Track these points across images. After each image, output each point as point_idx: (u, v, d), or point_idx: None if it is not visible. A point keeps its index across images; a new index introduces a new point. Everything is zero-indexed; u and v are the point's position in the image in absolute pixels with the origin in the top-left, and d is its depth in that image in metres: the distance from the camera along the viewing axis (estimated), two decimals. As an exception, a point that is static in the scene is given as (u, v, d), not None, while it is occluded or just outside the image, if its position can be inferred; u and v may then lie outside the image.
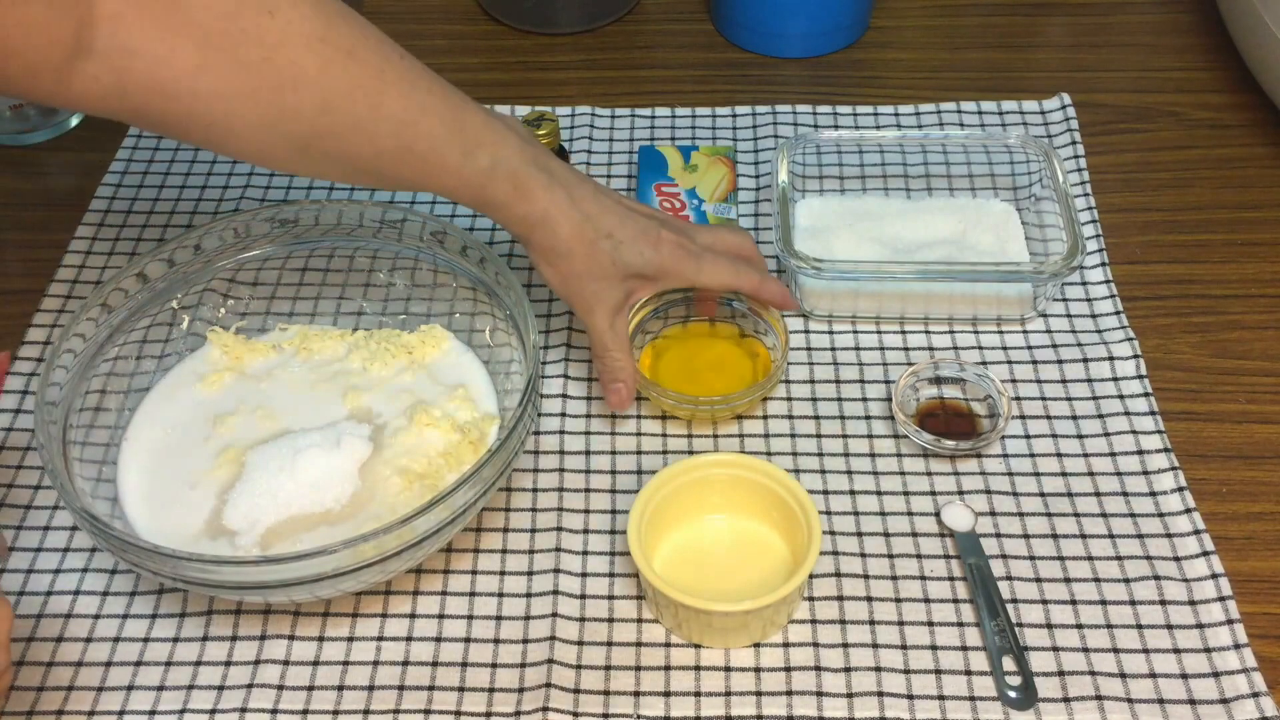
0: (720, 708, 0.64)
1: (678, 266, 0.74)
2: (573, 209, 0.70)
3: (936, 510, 0.72)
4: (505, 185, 0.68)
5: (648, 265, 0.73)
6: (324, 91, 0.63)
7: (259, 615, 0.68)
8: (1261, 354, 0.80)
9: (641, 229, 0.72)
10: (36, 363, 0.81)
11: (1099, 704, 0.63)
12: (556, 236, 0.70)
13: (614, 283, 0.72)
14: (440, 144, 0.67)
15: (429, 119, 0.67)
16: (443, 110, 0.67)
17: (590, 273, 0.71)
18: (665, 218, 0.76)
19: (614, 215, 0.72)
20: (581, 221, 0.70)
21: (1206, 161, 0.94)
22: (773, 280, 0.77)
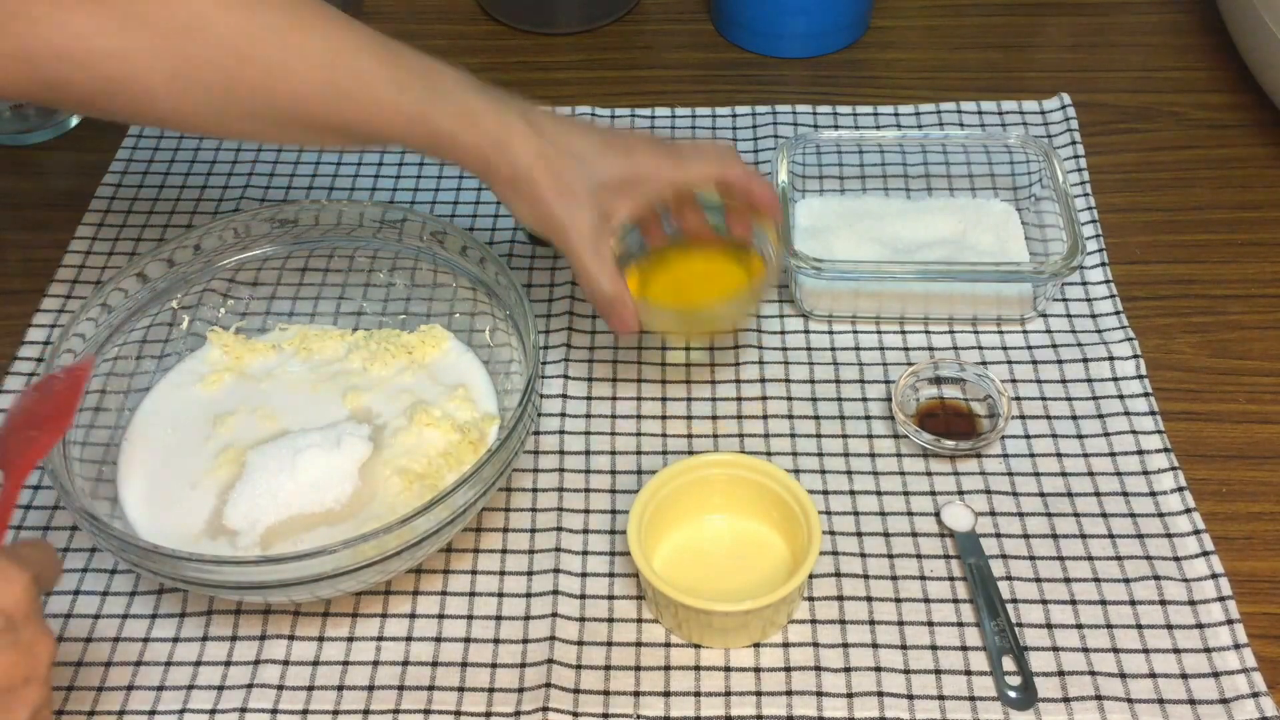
0: (720, 708, 0.64)
1: (656, 168, 0.69)
2: (530, 130, 0.66)
3: (936, 510, 0.72)
4: (449, 114, 0.64)
5: (622, 175, 0.68)
6: (232, 36, 0.60)
7: (259, 615, 0.68)
8: (1261, 354, 0.80)
9: (608, 140, 0.68)
10: (36, 363, 0.81)
11: (1099, 704, 0.63)
12: (516, 162, 0.65)
13: (587, 203, 0.67)
14: (369, 78, 0.63)
15: (352, 53, 0.63)
16: (367, 44, 0.64)
17: (559, 196, 0.66)
18: (635, 130, 0.72)
19: (576, 132, 0.68)
20: (541, 142, 0.66)
21: (1206, 161, 0.94)
22: (762, 177, 0.73)
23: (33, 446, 0.59)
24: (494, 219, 0.90)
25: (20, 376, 0.80)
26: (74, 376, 0.63)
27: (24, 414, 0.62)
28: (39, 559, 0.51)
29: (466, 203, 0.91)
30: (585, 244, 0.68)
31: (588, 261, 0.68)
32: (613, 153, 0.68)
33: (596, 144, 0.67)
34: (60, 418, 0.61)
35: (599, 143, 0.68)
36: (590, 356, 0.81)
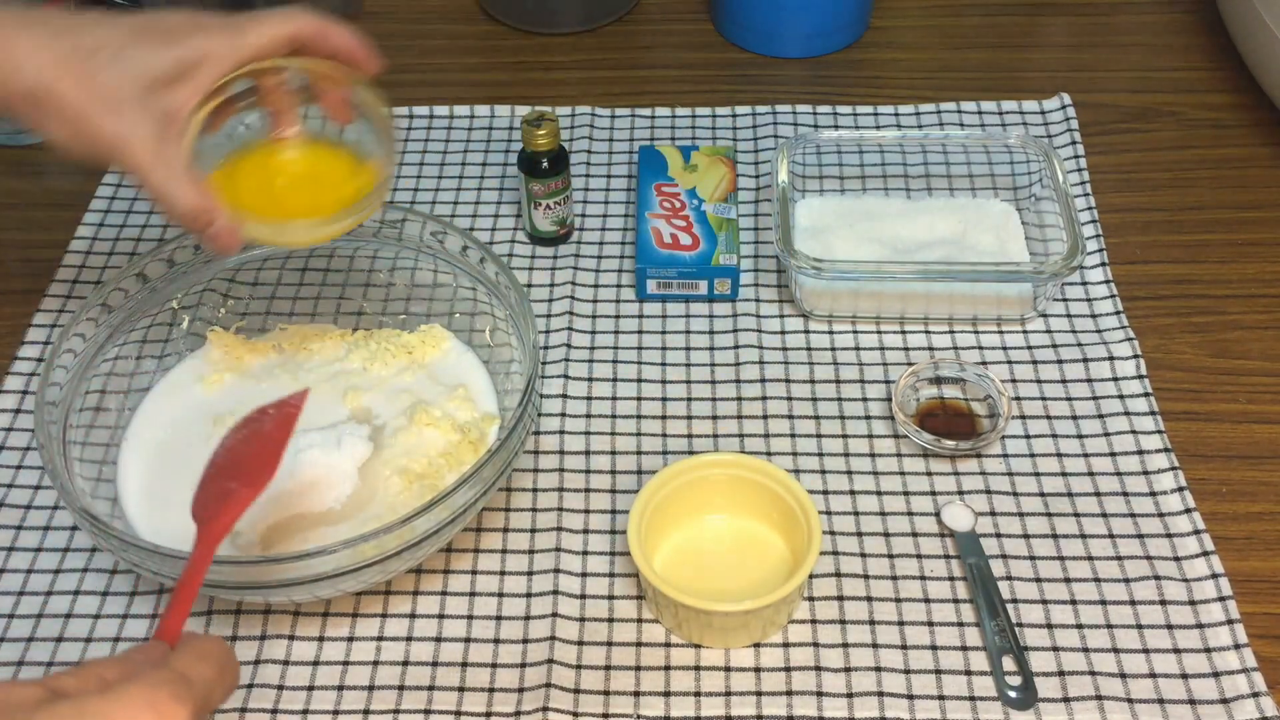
0: (720, 708, 0.64)
1: (210, 46, 0.58)
2: (38, 30, 0.55)
3: (936, 510, 0.72)
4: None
5: (172, 60, 0.58)
6: None
7: (259, 615, 0.68)
8: (1261, 354, 0.80)
9: (144, 26, 0.58)
10: (36, 363, 0.81)
11: (1099, 704, 0.63)
12: (23, 69, 0.55)
13: (136, 105, 0.57)
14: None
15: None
16: None
17: (99, 106, 0.56)
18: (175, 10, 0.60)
19: (94, 23, 0.57)
20: (49, 39, 0.55)
21: (1206, 161, 0.94)
22: (339, 26, 0.63)
23: (229, 502, 0.54)
24: (494, 219, 0.90)
25: (20, 376, 0.80)
26: (285, 414, 0.58)
27: (229, 454, 0.57)
28: (208, 676, 0.45)
29: (466, 203, 0.91)
30: (148, 156, 0.57)
31: (157, 177, 0.58)
32: (152, 39, 0.58)
33: (129, 32, 0.57)
34: (264, 467, 0.55)
35: (132, 30, 0.57)
36: (590, 356, 0.81)
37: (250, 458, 0.57)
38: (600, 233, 0.89)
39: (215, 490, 0.56)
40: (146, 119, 0.57)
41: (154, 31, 0.58)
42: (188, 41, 0.58)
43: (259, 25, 0.60)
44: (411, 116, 0.98)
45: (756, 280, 0.85)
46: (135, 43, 0.57)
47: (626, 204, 0.91)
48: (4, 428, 0.77)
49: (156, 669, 0.45)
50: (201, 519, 0.55)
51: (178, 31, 0.58)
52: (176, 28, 0.58)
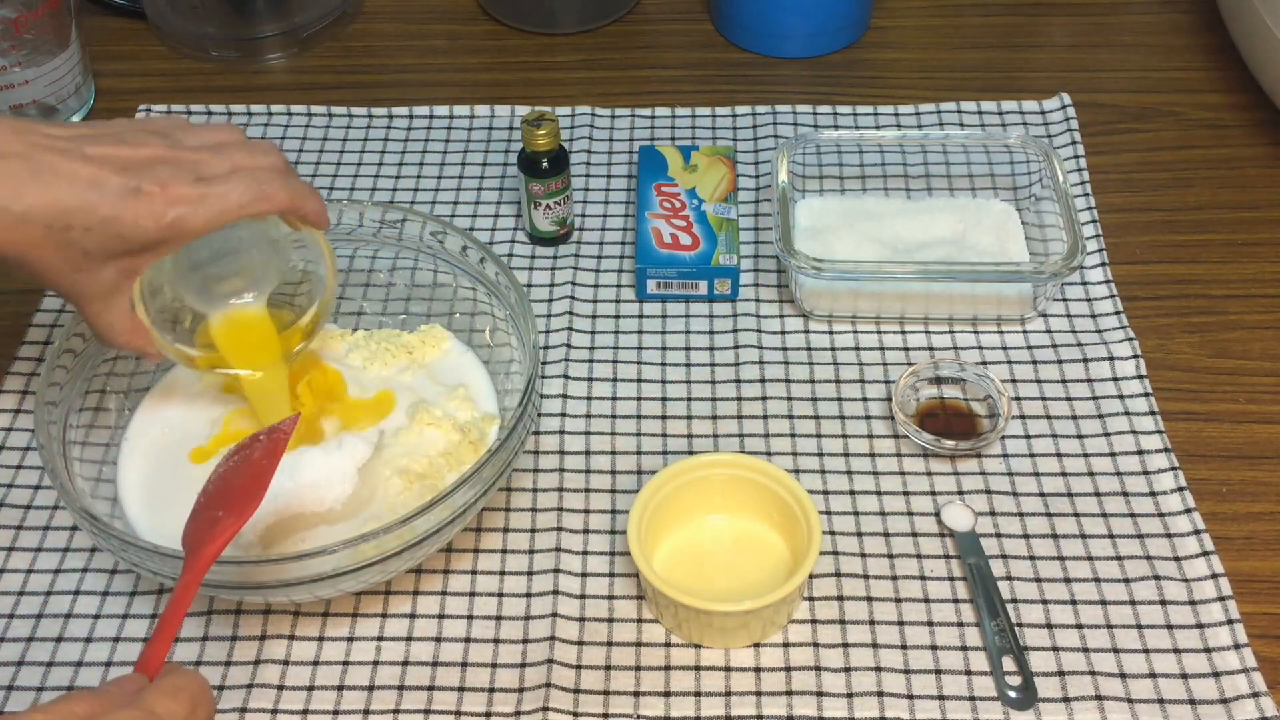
0: (720, 708, 0.64)
1: (179, 225, 0.60)
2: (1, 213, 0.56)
3: (936, 510, 0.72)
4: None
5: (140, 241, 0.60)
6: None
7: (259, 615, 0.68)
8: (1261, 354, 0.80)
9: (110, 199, 0.58)
10: (36, 363, 0.81)
11: (1099, 704, 0.63)
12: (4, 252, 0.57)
13: (100, 269, 0.60)
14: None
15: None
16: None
17: (67, 271, 0.59)
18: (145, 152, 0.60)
19: (67, 194, 0.57)
20: (18, 223, 0.57)
21: (1206, 161, 0.94)
22: (306, 189, 0.65)
23: (215, 531, 0.55)
24: (494, 219, 0.90)
25: (20, 376, 0.80)
26: (274, 441, 0.59)
27: (220, 481, 0.58)
28: (179, 714, 0.48)
29: (466, 203, 0.91)
30: (102, 304, 0.62)
31: (102, 320, 0.63)
32: (127, 217, 0.59)
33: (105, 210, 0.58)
34: (251, 496, 0.56)
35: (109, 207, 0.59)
36: (590, 356, 0.81)
37: (238, 485, 0.58)
38: (600, 233, 0.89)
39: (204, 519, 0.56)
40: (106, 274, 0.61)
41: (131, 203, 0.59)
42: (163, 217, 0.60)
43: (226, 201, 0.62)
44: (411, 116, 0.98)
45: (756, 280, 0.85)
46: (110, 221, 0.59)
47: (626, 204, 0.91)
48: (4, 428, 0.77)
49: (126, 709, 0.46)
50: (190, 549, 0.55)
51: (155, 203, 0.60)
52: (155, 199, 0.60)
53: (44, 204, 0.57)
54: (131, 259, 0.61)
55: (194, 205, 0.60)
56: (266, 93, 1.01)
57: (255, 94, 1.01)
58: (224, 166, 0.62)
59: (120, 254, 0.60)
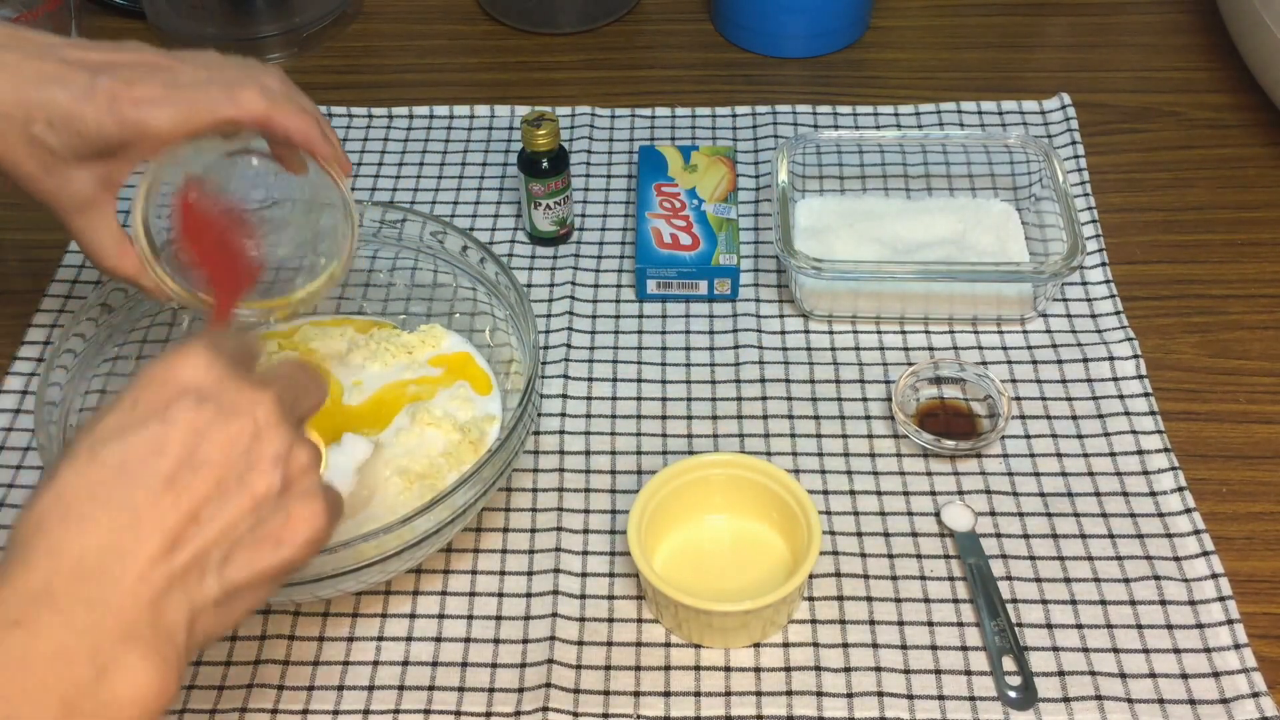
0: (720, 708, 0.64)
1: (143, 124, 0.57)
2: None
3: (936, 510, 0.72)
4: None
5: (100, 140, 0.57)
6: None
7: (259, 615, 0.68)
8: (1261, 354, 0.80)
9: (72, 93, 0.56)
10: (36, 363, 0.81)
11: (1099, 704, 0.63)
12: None
13: (72, 172, 0.57)
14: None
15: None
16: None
17: (41, 172, 0.57)
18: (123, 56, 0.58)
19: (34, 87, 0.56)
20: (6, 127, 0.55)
21: (1206, 161, 0.94)
22: (294, 106, 0.61)
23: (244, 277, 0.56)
24: (494, 219, 0.90)
25: (20, 376, 0.80)
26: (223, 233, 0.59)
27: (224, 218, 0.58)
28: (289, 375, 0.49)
29: (466, 203, 0.91)
30: (82, 215, 0.59)
31: (87, 235, 0.60)
32: (87, 112, 0.56)
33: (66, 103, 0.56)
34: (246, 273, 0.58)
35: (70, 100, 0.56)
36: (590, 356, 0.81)
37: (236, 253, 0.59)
38: (600, 233, 0.89)
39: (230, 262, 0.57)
40: (82, 179, 0.58)
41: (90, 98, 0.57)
42: (123, 113, 0.57)
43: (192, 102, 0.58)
44: (411, 116, 0.98)
45: (756, 280, 0.85)
46: (71, 115, 0.57)
47: (626, 204, 0.91)
48: (4, 428, 0.77)
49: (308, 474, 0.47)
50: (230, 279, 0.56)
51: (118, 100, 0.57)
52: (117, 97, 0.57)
53: (6, 95, 0.55)
54: (103, 165, 0.58)
55: (157, 105, 0.57)
56: (266, 93, 1.01)
57: (255, 94, 1.00)
58: (201, 76, 0.59)
59: (88, 157, 0.57)
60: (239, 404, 0.45)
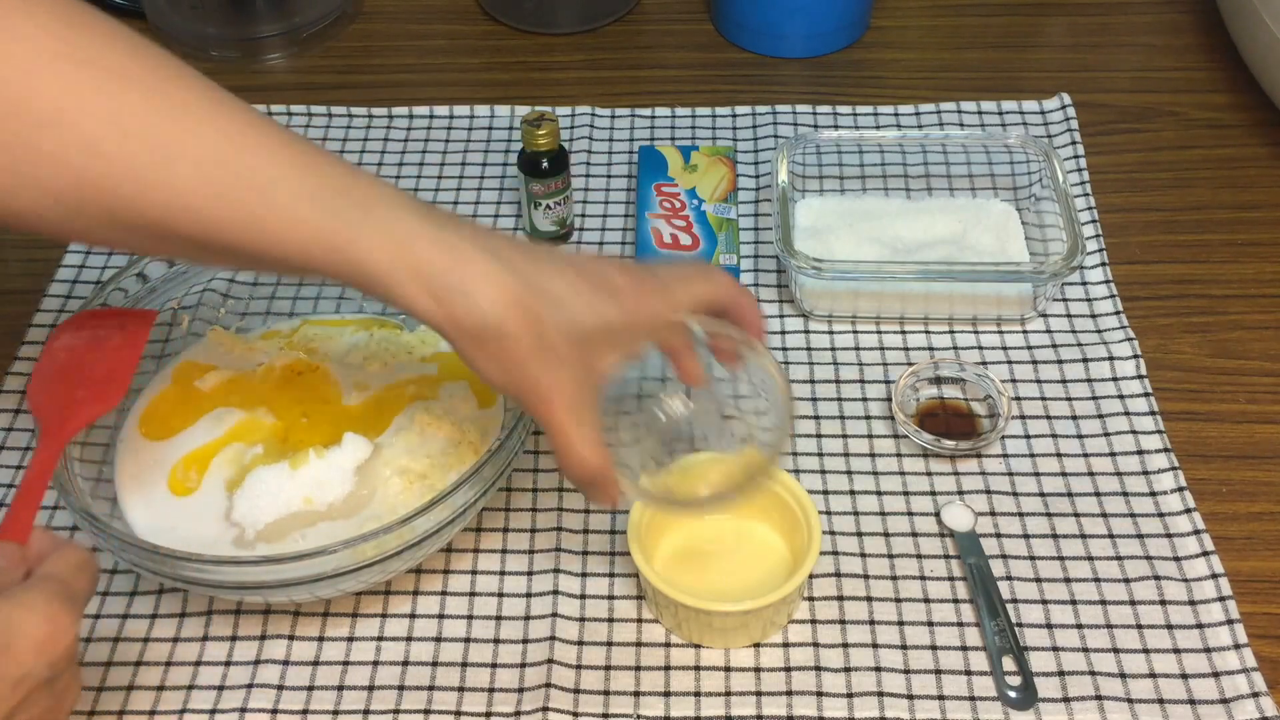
0: (720, 708, 0.64)
1: (639, 306, 0.57)
2: (494, 264, 0.52)
3: (936, 510, 0.72)
4: (384, 237, 0.50)
5: (608, 325, 0.56)
6: (85, 127, 0.48)
7: (259, 615, 0.68)
8: (1261, 354, 0.80)
9: (587, 277, 0.55)
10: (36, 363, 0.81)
11: (1099, 704, 0.63)
12: (482, 305, 0.51)
13: (570, 362, 0.55)
14: (270, 185, 0.49)
15: (249, 154, 0.49)
16: (270, 143, 0.50)
17: (538, 352, 0.53)
18: (607, 256, 0.59)
19: (548, 266, 0.54)
20: (511, 280, 0.52)
21: (1206, 161, 0.94)
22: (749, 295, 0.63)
23: (80, 411, 0.55)
24: (494, 219, 0.90)
25: (20, 377, 0.80)
26: (133, 336, 0.58)
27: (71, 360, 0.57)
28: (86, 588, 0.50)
29: (466, 203, 0.91)
30: (570, 413, 0.55)
31: (571, 433, 0.55)
32: (595, 293, 0.55)
33: (575, 283, 0.55)
34: (114, 385, 0.57)
35: (577, 281, 0.55)
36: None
37: (99, 370, 0.57)
38: (600, 233, 0.89)
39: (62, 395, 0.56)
40: (574, 372, 0.55)
41: (597, 286, 0.56)
42: (624, 301, 0.56)
43: (688, 288, 0.59)
44: (411, 116, 0.98)
45: (756, 280, 0.85)
46: (579, 295, 0.55)
47: (626, 204, 0.91)
48: (4, 428, 0.77)
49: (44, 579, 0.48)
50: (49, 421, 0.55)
51: (616, 290, 0.56)
52: (616, 285, 0.56)
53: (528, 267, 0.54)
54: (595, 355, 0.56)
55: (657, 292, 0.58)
56: (266, 93, 1.01)
57: (255, 94, 1.01)
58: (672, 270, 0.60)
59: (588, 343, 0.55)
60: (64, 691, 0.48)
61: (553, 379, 0.54)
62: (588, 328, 0.55)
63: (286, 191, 0.50)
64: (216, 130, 0.49)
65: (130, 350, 0.58)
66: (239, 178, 0.49)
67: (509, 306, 0.52)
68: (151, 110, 0.49)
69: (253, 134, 0.50)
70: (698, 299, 0.60)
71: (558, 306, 0.54)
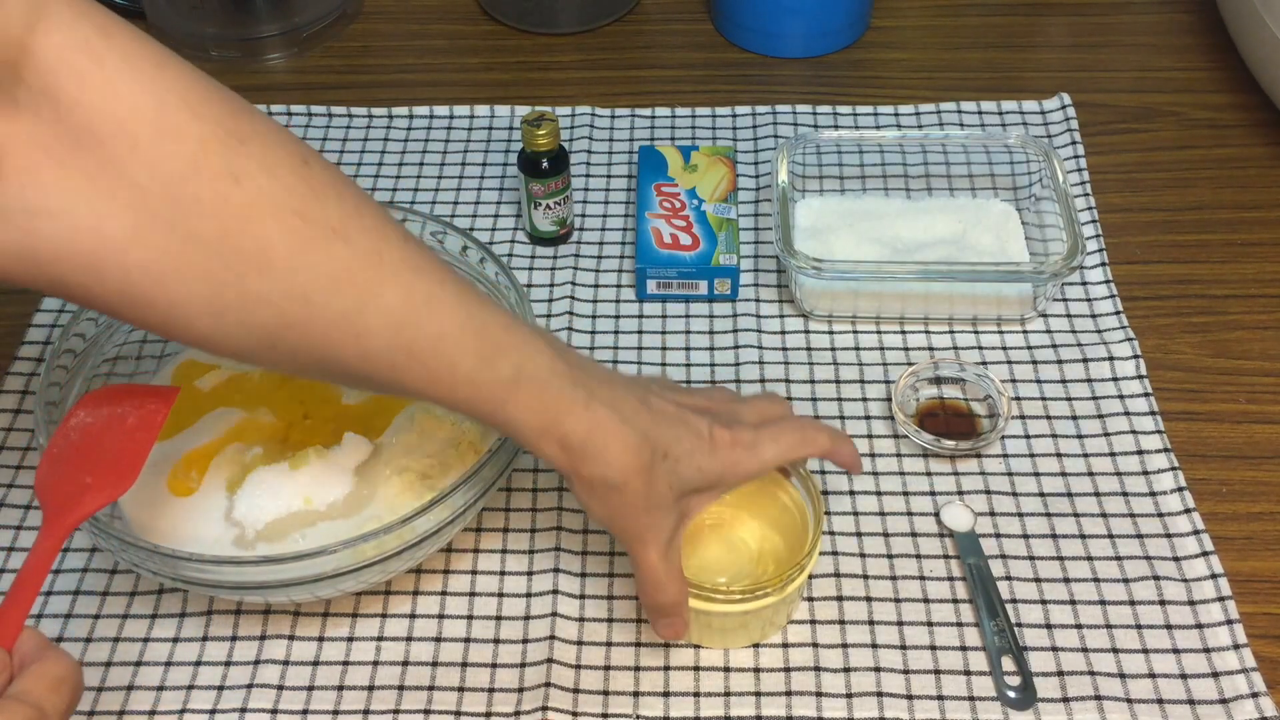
0: (720, 708, 0.64)
1: (736, 468, 0.62)
2: (625, 428, 0.58)
3: (936, 510, 0.72)
4: (536, 401, 0.57)
5: (706, 479, 0.61)
6: (299, 277, 0.52)
7: (259, 615, 0.68)
8: (1261, 354, 0.80)
9: (695, 434, 0.61)
10: (36, 363, 0.81)
11: (1098, 704, 0.63)
12: (610, 465, 0.57)
13: (670, 509, 0.60)
14: (450, 347, 0.55)
15: (436, 317, 0.55)
16: (455, 307, 0.56)
17: (646, 503, 0.59)
18: (709, 403, 0.64)
19: (667, 425, 0.60)
20: (638, 443, 0.58)
21: (1206, 161, 0.94)
22: (840, 435, 0.67)
23: (84, 498, 0.54)
24: (494, 219, 0.90)
25: (20, 376, 0.80)
26: (150, 417, 0.58)
27: (84, 438, 0.56)
28: (61, 708, 0.48)
29: (466, 203, 0.91)
30: (659, 553, 0.60)
31: (660, 573, 0.61)
32: (700, 454, 0.61)
33: (688, 443, 0.60)
34: (124, 472, 0.55)
35: (690, 442, 0.60)
36: (590, 356, 0.80)
37: (110, 453, 0.57)
38: (600, 233, 0.89)
39: (70, 480, 0.55)
40: (671, 520, 0.61)
41: (703, 444, 0.61)
42: (721, 458, 0.61)
43: (776, 447, 0.63)
44: (411, 116, 0.98)
45: (756, 280, 0.85)
46: (690, 455, 0.60)
47: (626, 204, 0.91)
48: (4, 428, 0.77)
49: (13, 702, 0.46)
50: (52, 508, 0.54)
51: (717, 449, 0.61)
52: (717, 445, 0.61)
53: (652, 428, 0.59)
54: (689, 500, 0.62)
55: (749, 449, 0.62)
56: (266, 93, 1.01)
57: (255, 94, 1.01)
58: (755, 416, 0.64)
59: (687, 492, 0.61)
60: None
61: (651, 522, 0.60)
62: (690, 483, 0.61)
63: (458, 351, 0.55)
64: (409, 291, 0.54)
65: (146, 432, 0.57)
66: (422, 337, 0.55)
67: (634, 473, 0.58)
68: (359, 271, 0.53)
69: (441, 295, 0.55)
70: (788, 455, 0.64)
71: (672, 468, 0.59)
